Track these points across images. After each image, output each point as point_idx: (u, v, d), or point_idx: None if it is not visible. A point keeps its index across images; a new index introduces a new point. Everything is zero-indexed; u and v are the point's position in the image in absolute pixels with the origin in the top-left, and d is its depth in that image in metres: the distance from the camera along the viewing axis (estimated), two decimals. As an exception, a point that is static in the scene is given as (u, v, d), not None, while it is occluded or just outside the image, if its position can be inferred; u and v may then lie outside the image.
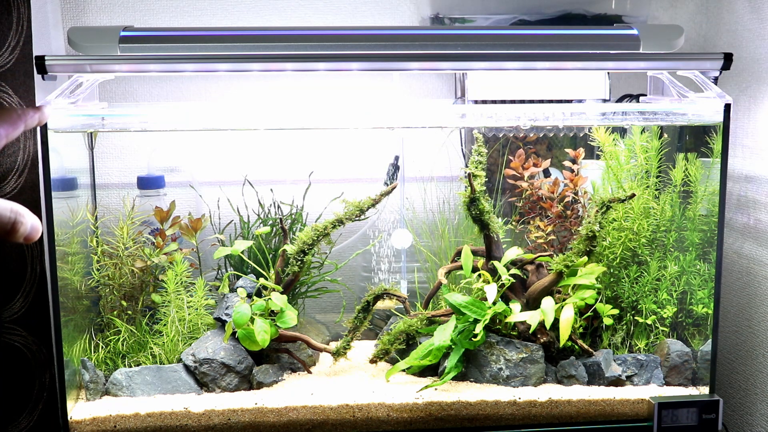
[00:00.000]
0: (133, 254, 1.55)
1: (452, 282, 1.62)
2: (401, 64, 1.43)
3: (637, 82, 1.73)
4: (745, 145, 1.66)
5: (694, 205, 1.56)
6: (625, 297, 1.56)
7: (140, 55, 1.39)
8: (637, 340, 1.55)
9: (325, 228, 1.51)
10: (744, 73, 1.64)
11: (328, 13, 1.79)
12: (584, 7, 1.77)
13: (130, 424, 1.37)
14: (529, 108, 1.47)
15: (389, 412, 1.41)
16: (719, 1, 1.77)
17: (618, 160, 1.59)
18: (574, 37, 1.48)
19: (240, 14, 1.77)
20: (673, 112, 1.48)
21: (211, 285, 1.60)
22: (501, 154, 1.75)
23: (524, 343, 1.48)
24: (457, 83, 1.72)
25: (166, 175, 1.72)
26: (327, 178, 1.73)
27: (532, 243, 1.66)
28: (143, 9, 1.75)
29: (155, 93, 1.79)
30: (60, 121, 1.36)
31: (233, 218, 1.70)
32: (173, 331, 1.51)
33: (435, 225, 1.77)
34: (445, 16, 1.77)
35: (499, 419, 1.41)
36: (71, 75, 1.43)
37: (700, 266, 1.55)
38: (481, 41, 1.46)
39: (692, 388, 1.49)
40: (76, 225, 1.50)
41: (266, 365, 1.49)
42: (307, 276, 1.64)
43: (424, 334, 1.55)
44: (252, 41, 1.42)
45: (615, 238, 1.56)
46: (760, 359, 1.62)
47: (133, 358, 1.51)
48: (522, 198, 1.68)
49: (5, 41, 1.34)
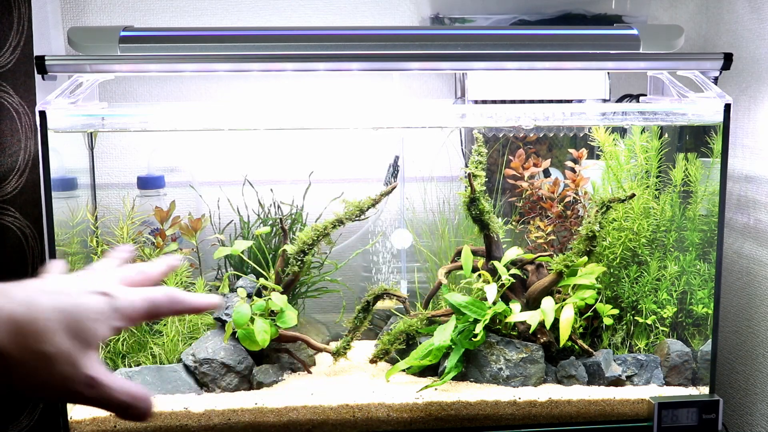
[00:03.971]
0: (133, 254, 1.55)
1: (452, 282, 1.62)
2: (401, 64, 1.44)
3: (637, 82, 1.73)
4: (745, 145, 1.66)
5: (694, 205, 1.56)
6: (625, 297, 1.56)
7: (140, 55, 1.39)
8: (637, 340, 1.55)
9: (325, 228, 1.51)
10: (744, 73, 1.64)
11: (328, 13, 1.79)
12: (584, 7, 1.78)
13: (130, 424, 1.37)
14: (529, 108, 1.47)
15: (389, 412, 1.41)
16: (719, 1, 1.77)
17: (618, 160, 1.59)
18: (574, 37, 1.48)
19: (240, 14, 1.77)
20: (673, 112, 1.48)
21: (211, 285, 1.60)
22: (501, 154, 1.75)
23: (524, 343, 1.48)
24: (457, 83, 1.72)
25: (166, 175, 1.72)
26: (327, 178, 1.73)
27: (532, 243, 1.66)
28: (143, 9, 1.75)
29: (155, 93, 1.79)
30: (60, 121, 1.36)
31: (233, 218, 1.70)
32: (173, 331, 1.51)
33: (435, 225, 1.77)
34: (445, 16, 1.77)
35: (499, 419, 1.41)
36: (71, 75, 1.43)
37: (700, 266, 1.55)
38: (481, 41, 1.46)
39: (692, 388, 1.49)
40: (76, 225, 1.50)
41: (266, 365, 1.49)
42: (307, 276, 1.64)
43: (424, 334, 1.55)
44: (252, 41, 1.42)
45: (615, 238, 1.56)
46: (760, 359, 1.62)
47: (133, 358, 1.51)
48: (522, 198, 1.68)
49: (6, 41, 1.34)
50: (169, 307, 0.68)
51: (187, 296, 0.70)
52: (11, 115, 1.38)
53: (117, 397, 0.62)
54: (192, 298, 0.70)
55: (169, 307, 0.68)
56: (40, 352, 0.58)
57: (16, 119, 1.39)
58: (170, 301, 0.68)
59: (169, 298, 0.68)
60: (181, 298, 0.69)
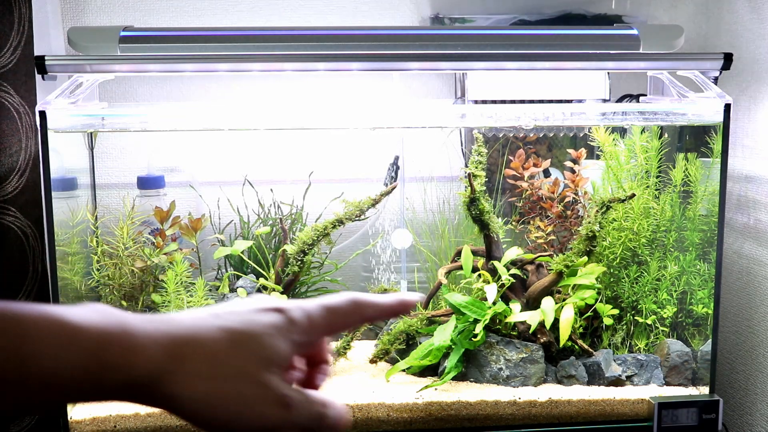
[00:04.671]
0: (133, 254, 1.55)
1: (452, 282, 1.62)
2: (401, 64, 1.44)
3: (637, 82, 1.73)
4: (745, 145, 1.66)
5: (694, 205, 1.56)
6: (625, 297, 1.56)
7: (140, 55, 1.39)
8: (637, 340, 1.55)
9: (325, 228, 1.51)
10: (744, 73, 1.64)
11: (328, 13, 1.79)
12: (584, 7, 1.78)
13: (130, 424, 1.37)
14: (529, 108, 1.47)
15: (389, 412, 1.41)
16: (719, 1, 1.77)
17: (618, 160, 1.59)
18: (574, 37, 1.48)
19: (240, 14, 1.77)
20: (673, 112, 1.48)
21: (211, 285, 1.60)
22: (501, 154, 1.75)
23: (524, 343, 1.48)
24: (457, 83, 1.72)
25: (166, 175, 1.72)
26: (327, 178, 1.73)
27: (532, 243, 1.66)
28: (143, 9, 1.75)
29: (155, 93, 1.79)
30: (60, 121, 1.36)
31: (233, 218, 1.70)
32: (173, 331, 1.51)
33: (435, 225, 1.77)
34: (445, 16, 1.77)
35: (499, 419, 1.41)
36: (71, 75, 1.43)
37: (700, 266, 1.55)
38: (481, 41, 1.46)
39: (692, 388, 1.49)
40: (76, 225, 1.50)
41: (266, 365, 1.49)
42: (307, 276, 1.64)
43: (424, 334, 1.55)
44: (252, 41, 1.42)
45: (615, 238, 1.56)
46: (760, 359, 1.62)
47: (133, 358, 1.50)
48: (522, 198, 1.68)
49: (7, 41, 1.34)
50: (355, 313, 0.59)
51: (374, 298, 0.60)
52: (11, 115, 1.38)
53: (316, 410, 0.56)
54: (382, 299, 0.60)
55: (356, 313, 0.59)
56: (214, 376, 0.52)
57: (16, 119, 1.39)
58: (355, 306, 0.59)
59: (353, 303, 0.59)
60: (368, 300, 0.60)
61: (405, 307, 0.61)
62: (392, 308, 0.60)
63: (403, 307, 0.61)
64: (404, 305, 0.61)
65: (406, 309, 0.61)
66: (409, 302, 0.61)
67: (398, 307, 0.60)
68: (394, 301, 0.60)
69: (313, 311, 0.58)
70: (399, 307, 0.61)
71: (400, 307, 0.60)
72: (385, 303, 0.60)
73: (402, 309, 0.61)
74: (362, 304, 0.59)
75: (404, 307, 0.61)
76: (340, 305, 0.59)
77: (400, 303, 0.60)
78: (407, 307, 0.60)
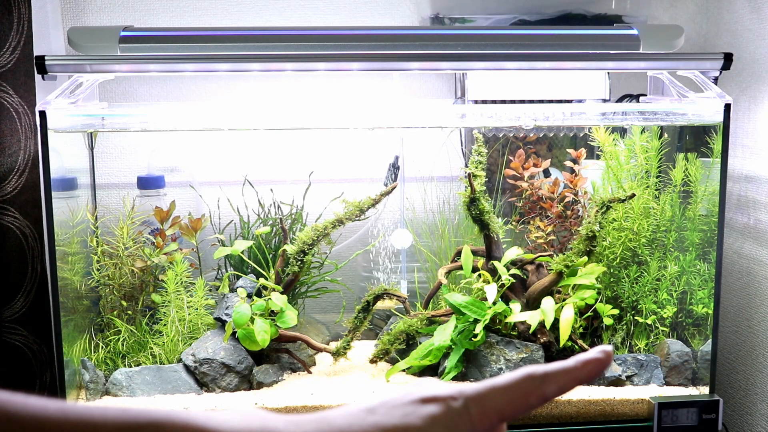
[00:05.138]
0: (133, 254, 1.55)
1: (452, 282, 1.62)
2: (401, 64, 1.44)
3: (637, 82, 1.73)
4: (745, 145, 1.66)
5: (694, 205, 1.56)
6: (625, 297, 1.56)
7: (140, 55, 1.39)
8: (637, 340, 1.55)
9: (325, 228, 1.51)
10: (744, 73, 1.64)
11: (328, 13, 1.79)
12: (584, 7, 1.78)
13: (130, 424, 1.37)
14: (529, 108, 1.47)
15: (389, 412, 1.40)
16: (719, 1, 1.77)
17: (618, 160, 1.59)
18: (574, 37, 1.48)
19: (240, 14, 1.77)
20: (673, 112, 1.48)
21: (211, 285, 1.60)
22: (501, 154, 1.75)
23: (524, 343, 1.48)
24: (457, 83, 1.72)
25: (166, 175, 1.72)
26: (327, 178, 1.73)
27: (532, 243, 1.66)
28: (143, 9, 1.75)
29: (155, 93, 1.79)
30: (60, 121, 1.36)
31: (233, 218, 1.70)
32: (173, 331, 1.51)
33: (435, 225, 1.77)
34: (445, 16, 1.77)
35: (499, 419, 1.41)
36: (71, 75, 1.43)
37: (700, 266, 1.55)
38: (481, 41, 1.46)
39: (692, 388, 1.49)
40: (76, 225, 1.50)
41: (266, 365, 1.49)
42: (307, 276, 1.64)
43: (424, 334, 1.55)
44: (252, 41, 1.42)
45: (615, 238, 1.56)
46: (760, 359, 1.62)
47: (133, 358, 1.51)
48: (522, 198, 1.68)
49: (6, 41, 1.34)
50: (539, 388, 0.49)
51: (554, 367, 0.50)
52: (11, 115, 1.38)
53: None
54: (564, 365, 0.50)
55: (540, 387, 0.49)
56: None
57: (16, 119, 1.39)
58: (531, 380, 0.49)
59: (530, 378, 0.50)
60: (548, 371, 0.50)
61: (602, 365, 0.50)
62: (584, 372, 0.50)
63: (599, 367, 0.50)
64: (600, 364, 0.50)
65: (604, 365, 0.50)
66: (603, 360, 0.50)
67: (593, 368, 0.50)
68: (585, 364, 0.50)
69: (486, 392, 0.50)
70: (595, 369, 0.50)
71: (596, 368, 0.50)
72: (574, 368, 0.50)
73: (598, 371, 0.50)
74: (541, 377, 0.50)
75: (600, 366, 0.50)
76: (520, 382, 0.50)
77: (596, 362, 0.50)
78: (604, 365, 0.50)
